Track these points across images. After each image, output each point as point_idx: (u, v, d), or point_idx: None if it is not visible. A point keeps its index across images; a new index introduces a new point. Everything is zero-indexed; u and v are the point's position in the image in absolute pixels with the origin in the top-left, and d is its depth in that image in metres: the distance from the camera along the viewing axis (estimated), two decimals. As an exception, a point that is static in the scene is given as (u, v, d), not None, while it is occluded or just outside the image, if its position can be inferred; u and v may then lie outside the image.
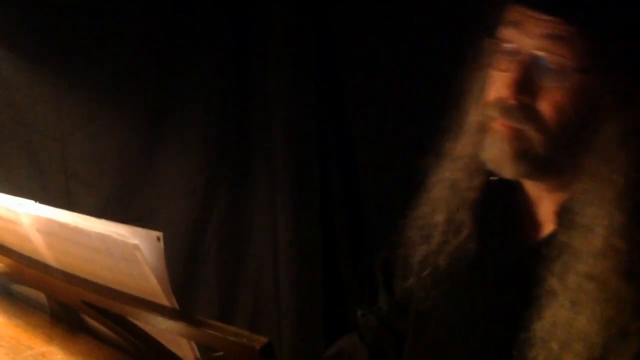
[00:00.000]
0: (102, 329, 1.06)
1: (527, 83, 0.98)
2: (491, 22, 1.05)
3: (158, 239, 0.90)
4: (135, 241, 0.90)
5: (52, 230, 1.04)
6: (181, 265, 1.91)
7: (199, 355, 1.01)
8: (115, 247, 0.94)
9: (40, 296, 1.21)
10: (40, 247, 1.09)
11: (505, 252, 1.12)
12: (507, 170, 1.03)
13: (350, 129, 1.89)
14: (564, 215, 1.03)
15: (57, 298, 1.16)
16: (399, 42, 1.74)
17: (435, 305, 1.16)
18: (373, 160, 1.88)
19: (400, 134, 1.79)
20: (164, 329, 0.94)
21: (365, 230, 1.92)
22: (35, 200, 1.08)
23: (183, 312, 0.93)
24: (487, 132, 1.05)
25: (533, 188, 1.12)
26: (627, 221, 0.94)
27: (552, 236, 1.05)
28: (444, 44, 1.65)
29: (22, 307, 1.26)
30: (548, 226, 1.09)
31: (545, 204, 1.10)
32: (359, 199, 1.92)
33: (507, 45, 1.01)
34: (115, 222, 0.94)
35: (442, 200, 1.16)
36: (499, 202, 1.14)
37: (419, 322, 1.22)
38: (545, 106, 0.98)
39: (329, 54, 1.85)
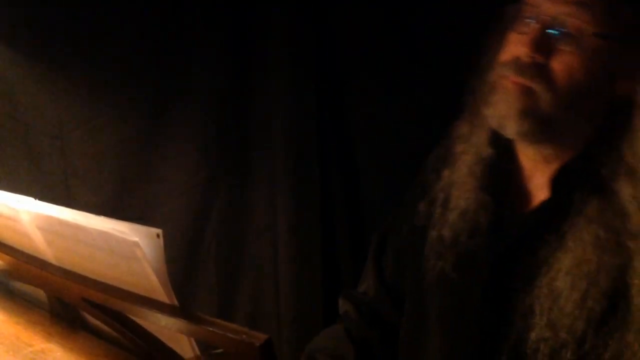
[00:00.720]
0: (102, 326, 1.06)
1: (543, 43, 1.01)
2: None
3: (158, 236, 0.90)
4: (135, 238, 0.91)
5: (51, 228, 1.04)
6: (181, 264, 1.91)
7: (198, 352, 1.01)
8: (115, 244, 0.94)
9: (40, 293, 1.21)
10: (40, 245, 1.09)
11: (502, 222, 1.13)
12: (510, 127, 1.05)
13: (350, 129, 1.89)
14: (562, 179, 1.06)
15: (56, 295, 1.16)
16: (399, 41, 1.74)
17: (441, 274, 1.17)
18: (373, 160, 1.88)
19: (400, 134, 1.80)
20: (164, 326, 0.94)
21: (365, 230, 1.92)
22: (35, 198, 1.08)
23: (183, 309, 0.94)
24: (497, 89, 1.07)
25: (528, 159, 1.13)
26: None
27: (548, 203, 1.08)
28: (445, 42, 1.65)
29: (22, 304, 1.26)
30: (540, 195, 1.11)
31: (539, 175, 1.12)
32: (359, 199, 1.92)
33: (531, 9, 1.04)
34: (115, 219, 0.94)
35: (461, 169, 1.18)
36: (497, 173, 1.16)
37: (423, 290, 1.22)
38: (558, 67, 1.00)
39: (329, 54, 1.85)
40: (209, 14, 1.82)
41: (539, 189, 1.12)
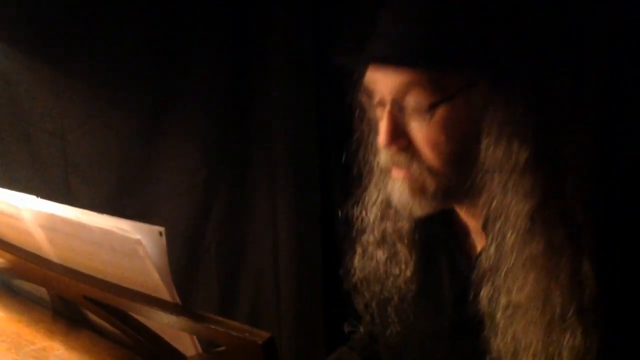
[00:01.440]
0: (104, 324, 1.06)
1: (397, 129, 1.01)
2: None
3: (160, 234, 0.90)
4: (138, 236, 0.90)
5: (53, 226, 1.04)
6: (181, 264, 1.91)
7: (201, 350, 1.01)
8: (117, 242, 0.94)
9: (42, 291, 1.21)
10: (41, 243, 1.09)
11: (450, 274, 1.13)
12: (416, 211, 1.05)
13: (351, 129, 1.89)
14: (484, 231, 1.05)
15: (58, 293, 1.16)
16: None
17: (401, 337, 1.18)
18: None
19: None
20: (166, 324, 0.94)
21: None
22: (36, 196, 1.08)
23: (185, 307, 0.94)
24: (387, 175, 1.09)
25: (462, 212, 1.13)
26: (535, 218, 0.95)
27: (485, 251, 1.05)
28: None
29: (24, 302, 1.26)
30: (482, 243, 1.09)
31: (477, 223, 1.10)
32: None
33: (375, 95, 1.04)
34: (117, 217, 0.94)
35: (376, 241, 1.18)
36: (436, 226, 1.15)
37: (389, 354, 1.23)
38: (421, 143, 1.00)
39: (329, 54, 1.85)
40: (209, 14, 1.83)
41: (480, 237, 1.10)
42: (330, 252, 1.92)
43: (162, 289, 0.94)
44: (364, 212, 1.19)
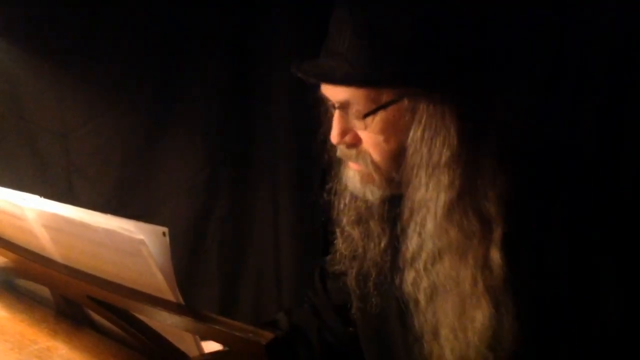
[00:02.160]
0: (107, 324, 1.06)
1: (345, 128, 1.08)
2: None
3: (164, 234, 0.91)
4: (141, 236, 0.91)
5: (57, 225, 1.04)
6: (182, 262, 1.91)
7: (204, 351, 1.01)
8: (120, 242, 0.94)
9: (45, 291, 1.21)
10: (45, 242, 1.09)
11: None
12: (368, 196, 1.13)
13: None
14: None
15: (61, 293, 1.16)
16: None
17: (377, 307, 1.22)
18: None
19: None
20: (170, 324, 0.94)
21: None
22: (39, 196, 1.08)
23: (189, 307, 0.94)
24: (342, 166, 1.17)
25: None
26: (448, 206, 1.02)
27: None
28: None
29: (27, 302, 1.26)
30: None
31: None
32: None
33: (329, 101, 1.10)
34: (121, 217, 0.94)
35: (352, 221, 1.23)
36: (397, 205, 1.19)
37: (369, 325, 1.28)
38: (365, 143, 1.07)
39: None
40: (211, 15, 1.83)
41: None
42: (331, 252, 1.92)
43: (166, 289, 0.94)
44: (338, 196, 1.24)
